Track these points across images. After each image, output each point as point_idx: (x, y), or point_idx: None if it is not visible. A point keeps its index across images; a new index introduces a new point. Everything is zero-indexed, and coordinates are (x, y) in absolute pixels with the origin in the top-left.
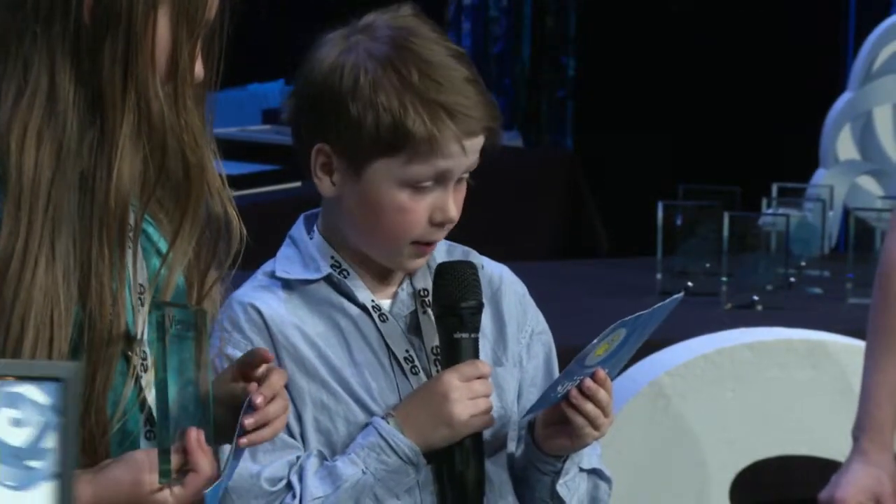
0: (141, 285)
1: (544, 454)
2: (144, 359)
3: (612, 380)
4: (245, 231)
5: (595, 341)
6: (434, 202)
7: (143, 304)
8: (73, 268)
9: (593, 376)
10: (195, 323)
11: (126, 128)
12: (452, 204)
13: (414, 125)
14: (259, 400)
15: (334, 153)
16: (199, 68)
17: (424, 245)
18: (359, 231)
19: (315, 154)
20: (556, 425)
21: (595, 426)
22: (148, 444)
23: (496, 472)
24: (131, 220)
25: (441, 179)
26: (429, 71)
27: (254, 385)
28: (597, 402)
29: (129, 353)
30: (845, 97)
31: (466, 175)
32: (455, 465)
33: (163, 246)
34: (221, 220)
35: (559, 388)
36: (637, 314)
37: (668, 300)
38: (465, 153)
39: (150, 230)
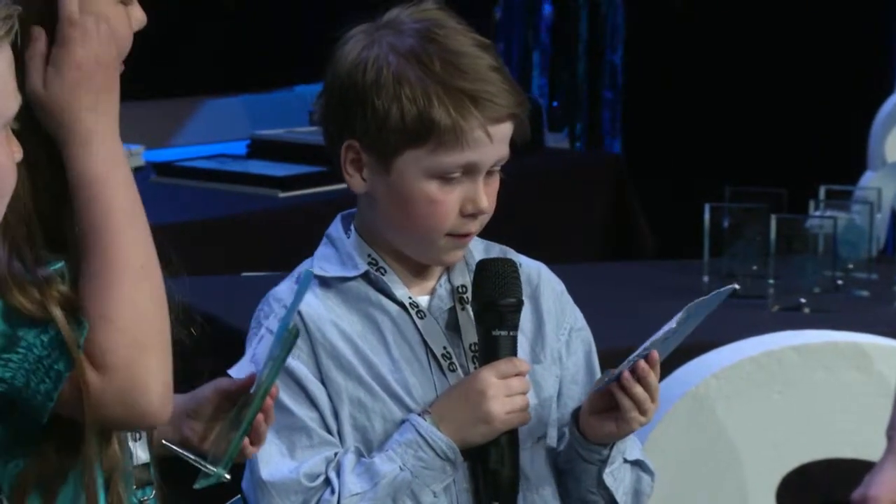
0: None
1: (590, 443)
2: None
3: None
4: None
5: (670, 324)
6: (464, 194)
7: None
8: None
9: (646, 359)
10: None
11: None
12: (483, 195)
13: (438, 114)
14: None
15: (363, 148)
16: None
17: (459, 237)
18: (393, 227)
19: (344, 151)
20: (602, 412)
21: (642, 411)
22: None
23: (532, 468)
24: None
25: (470, 171)
26: (452, 60)
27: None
28: (646, 386)
29: None
30: (893, 99)
31: (498, 168)
32: (490, 463)
33: None
34: None
35: (617, 371)
36: (701, 299)
37: (721, 289)
38: (491, 141)
39: None
